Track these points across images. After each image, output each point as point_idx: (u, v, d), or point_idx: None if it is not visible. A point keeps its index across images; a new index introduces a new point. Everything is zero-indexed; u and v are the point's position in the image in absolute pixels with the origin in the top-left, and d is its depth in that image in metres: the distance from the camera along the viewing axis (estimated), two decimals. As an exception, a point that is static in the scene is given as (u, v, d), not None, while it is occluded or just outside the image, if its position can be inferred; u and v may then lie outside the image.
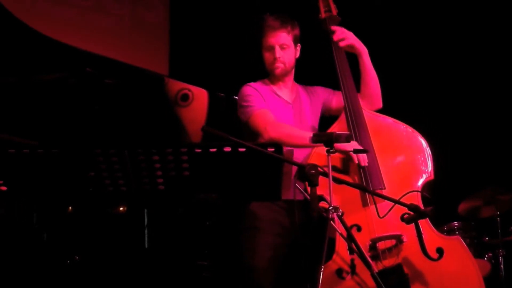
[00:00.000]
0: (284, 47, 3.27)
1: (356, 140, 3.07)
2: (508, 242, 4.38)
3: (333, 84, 3.32)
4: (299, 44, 3.35)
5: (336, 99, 3.38)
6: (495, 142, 4.90)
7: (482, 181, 4.51)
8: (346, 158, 3.07)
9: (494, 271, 4.30)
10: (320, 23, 3.40)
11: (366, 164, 3.03)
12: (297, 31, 3.33)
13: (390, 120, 3.22)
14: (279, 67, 3.30)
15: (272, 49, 3.27)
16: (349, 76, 3.26)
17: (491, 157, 4.89)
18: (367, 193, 2.98)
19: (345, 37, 3.28)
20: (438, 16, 5.03)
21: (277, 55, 3.26)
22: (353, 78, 3.27)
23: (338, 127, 3.21)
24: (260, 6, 5.03)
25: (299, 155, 3.13)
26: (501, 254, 4.31)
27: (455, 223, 4.39)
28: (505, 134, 4.86)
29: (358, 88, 3.30)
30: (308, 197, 2.51)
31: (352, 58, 3.34)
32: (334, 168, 2.63)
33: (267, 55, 3.31)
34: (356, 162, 3.02)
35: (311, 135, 2.78)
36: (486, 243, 4.46)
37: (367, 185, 2.99)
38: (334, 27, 3.31)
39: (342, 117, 3.22)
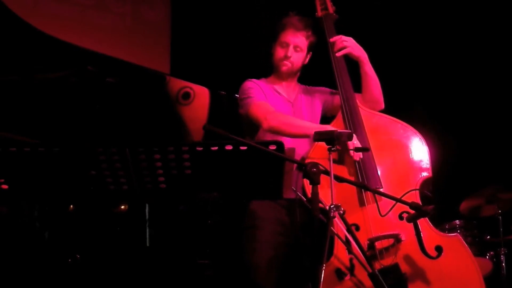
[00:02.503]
0: (298, 49, 3.29)
1: None
2: (510, 240, 4.37)
3: (330, 81, 3.31)
4: (311, 52, 3.36)
5: (336, 99, 3.35)
6: (497, 140, 4.89)
7: (483, 180, 4.50)
8: (343, 156, 3.04)
9: (495, 270, 4.29)
10: (316, 21, 3.38)
11: (361, 156, 2.99)
12: (313, 39, 3.33)
13: (387, 118, 3.18)
14: (286, 65, 3.30)
15: (286, 46, 3.28)
16: (346, 74, 3.23)
17: (492, 156, 4.89)
18: (364, 193, 2.96)
19: (344, 46, 3.22)
20: (438, 15, 5.02)
21: (289, 53, 3.28)
22: (352, 77, 3.25)
23: (335, 126, 3.15)
24: (260, 4, 5.04)
25: (300, 152, 3.13)
26: (502, 252, 4.30)
27: (457, 222, 4.39)
28: (506, 132, 4.85)
29: (357, 88, 3.27)
30: (305, 200, 2.50)
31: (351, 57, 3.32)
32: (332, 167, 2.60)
33: (279, 50, 3.31)
34: (351, 157, 3.00)
35: (313, 126, 2.77)
36: (487, 241, 4.45)
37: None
38: (332, 39, 3.27)
39: (339, 116, 3.19)
